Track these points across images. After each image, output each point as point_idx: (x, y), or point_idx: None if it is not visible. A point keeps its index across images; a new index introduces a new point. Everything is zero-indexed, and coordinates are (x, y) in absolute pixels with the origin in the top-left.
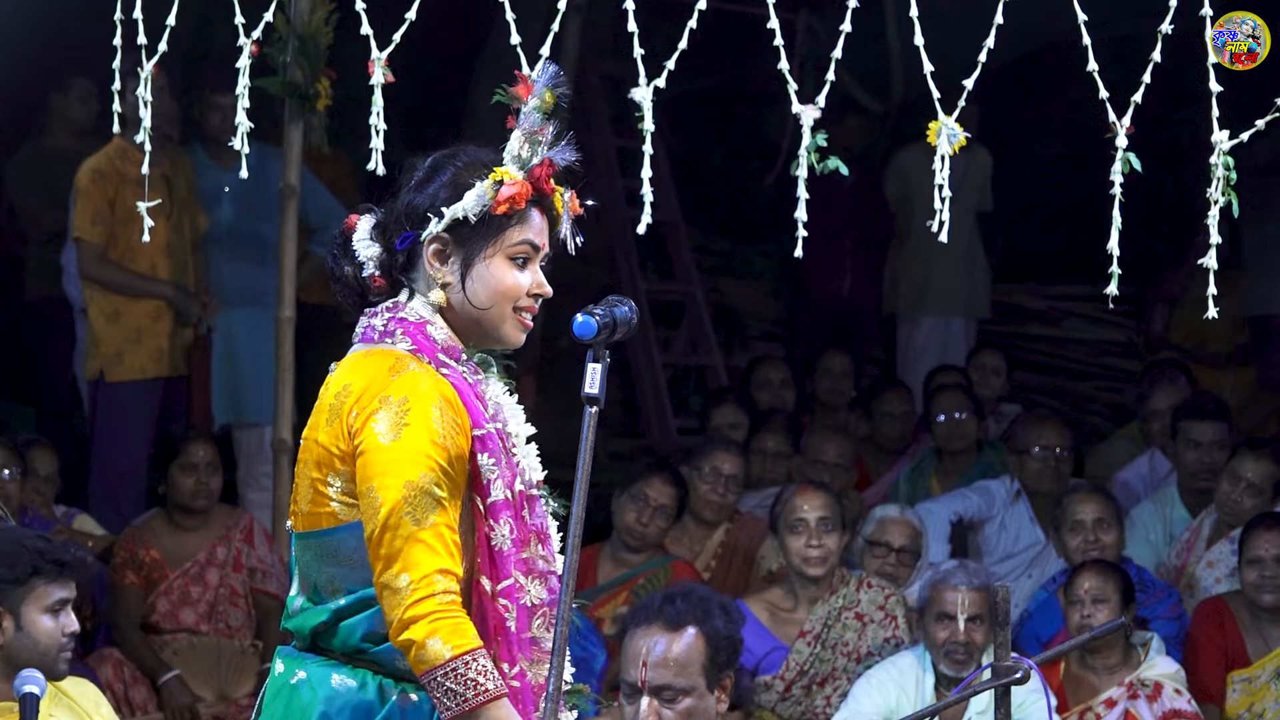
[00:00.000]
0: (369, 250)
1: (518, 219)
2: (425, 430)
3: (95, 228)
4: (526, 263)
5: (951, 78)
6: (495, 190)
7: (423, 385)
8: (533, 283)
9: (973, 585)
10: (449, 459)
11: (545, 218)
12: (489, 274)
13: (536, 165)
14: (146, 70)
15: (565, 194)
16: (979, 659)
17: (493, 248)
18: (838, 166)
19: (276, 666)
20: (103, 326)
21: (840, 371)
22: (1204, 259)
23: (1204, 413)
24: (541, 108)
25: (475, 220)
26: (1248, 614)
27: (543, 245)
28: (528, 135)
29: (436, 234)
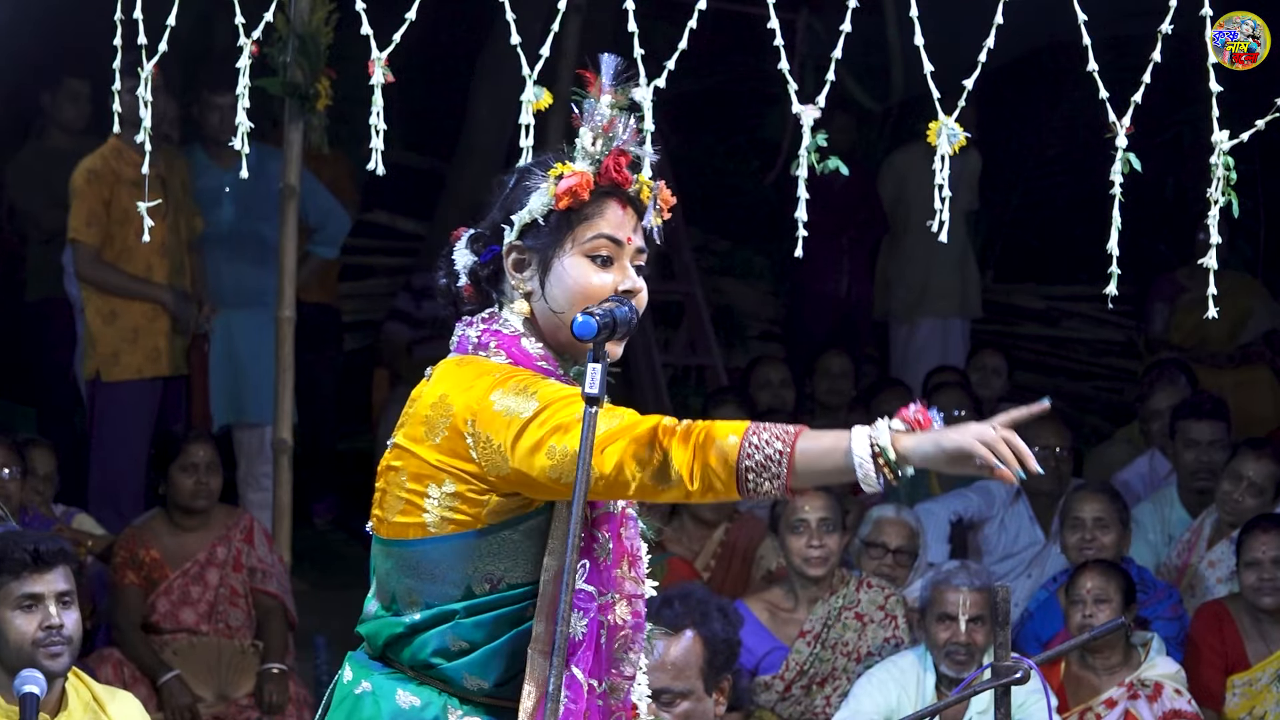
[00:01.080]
0: (463, 259)
1: (590, 212)
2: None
3: (90, 229)
4: (610, 261)
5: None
6: (555, 185)
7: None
8: (618, 280)
9: (974, 586)
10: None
11: (630, 210)
12: (565, 274)
13: (606, 156)
14: (147, 70)
15: (654, 186)
16: (980, 659)
17: (566, 246)
18: (838, 166)
19: (345, 673)
20: (99, 327)
21: (840, 372)
22: (1204, 259)
23: (1201, 412)
24: (612, 102)
25: (544, 222)
26: (1248, 617)
27: (627, 239)
28: (597, 130)
29: (511, 243)
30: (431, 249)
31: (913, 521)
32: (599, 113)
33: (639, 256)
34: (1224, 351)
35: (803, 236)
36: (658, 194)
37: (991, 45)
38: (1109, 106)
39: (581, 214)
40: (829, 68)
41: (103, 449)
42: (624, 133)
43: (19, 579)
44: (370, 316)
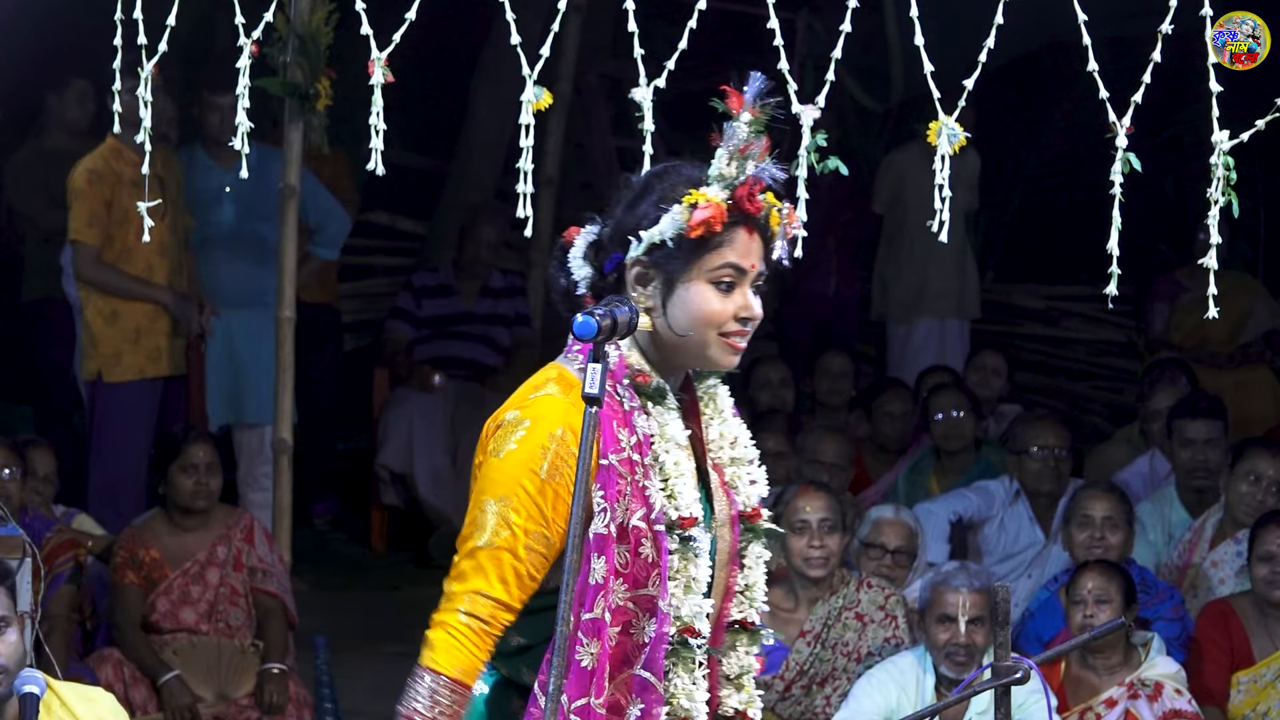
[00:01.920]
0: (581, 271)
1: (719, 241)
2: (528, 456)
3: (91, 229)
4: (732, 286)
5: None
6: (689, 213)
7: (551, 411)
8: (739, 306)
9: (974, 587)
10: (542, 487)
11: (756, 236)
12: (689, 299)
13: (740, 184)
14: (147, 70)
15: (783, 209)
16: (980, 660)
17: (692, 272)
18: (838, 166)
19: None
20: (100, 327)
21: (840, 371)
22: (1204, 259)
23: (1196, 411)
24: (752, 122)
25: (673, 244)
26: (1254, 614)
27: (751, 266)
28: (733, 152)
29: (636, 257)
30: (431, 249)
31: (911, 522)
32: (737, 134)
33: (760, 279)
34: (1224, 351)
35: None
36: (786, 219)
37: (992, 45)
38: (1109, 106)
39: (712, 242)
40: (829, 68)
41: (103, 449)
42: (758, 154)
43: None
44: (370, 316)
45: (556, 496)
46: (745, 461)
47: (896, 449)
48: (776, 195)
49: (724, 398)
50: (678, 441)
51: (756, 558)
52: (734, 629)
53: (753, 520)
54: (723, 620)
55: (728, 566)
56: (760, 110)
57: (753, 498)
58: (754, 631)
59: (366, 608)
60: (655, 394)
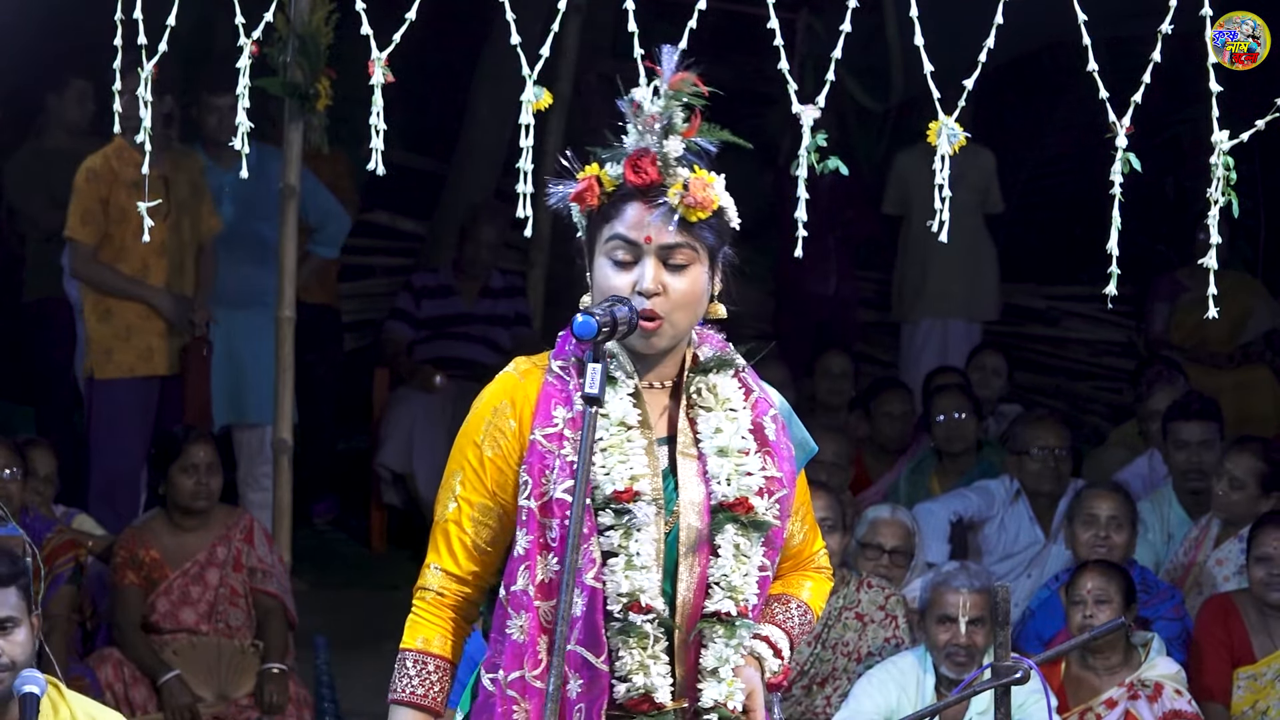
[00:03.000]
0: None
1: (610, 214)
2: (472, 429)
3: (86, 227)
4: (630, 262)
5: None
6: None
7: (499, 386)
8: (633, 281)
9: (974, 588)
10: (481, 458)
11: (655, 208)
12: (595, 274)
13: (629, 156)
14: (147, 70)
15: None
16: (980, 660)
17: (596, 247)
18: (838, 166)
19: None
20: (94, 325)
21: (840, 371)
22: (1204, 259)
23: (1190, 412)
24: (669, 95)
25: (584, 220)
26: (1254, 611)
27: (646, 239)
28: (638, 126)
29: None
30: (431, 249)
31: (908, 522)
32: (647, 108)
33: (671, 254)
34: (1224, 351)
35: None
36: (687, 194)
37: (991, 45)
38: (1109, 106)
39: (604, 214)
40: (829, 68)
41: (98, 447)
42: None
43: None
44: (370, 316)
45: (494, 468)
46: (735, 452)
47: (896, 449)
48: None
49: (729, 388)
50: (624, 421)
51: (734, 548)
52: (710, 619)
53: (735, 510)
54: (698, 610)
55: (696, 554)
56: (680, 84)
57: (739, 489)
58: (730, 623)
59: (366, 608)
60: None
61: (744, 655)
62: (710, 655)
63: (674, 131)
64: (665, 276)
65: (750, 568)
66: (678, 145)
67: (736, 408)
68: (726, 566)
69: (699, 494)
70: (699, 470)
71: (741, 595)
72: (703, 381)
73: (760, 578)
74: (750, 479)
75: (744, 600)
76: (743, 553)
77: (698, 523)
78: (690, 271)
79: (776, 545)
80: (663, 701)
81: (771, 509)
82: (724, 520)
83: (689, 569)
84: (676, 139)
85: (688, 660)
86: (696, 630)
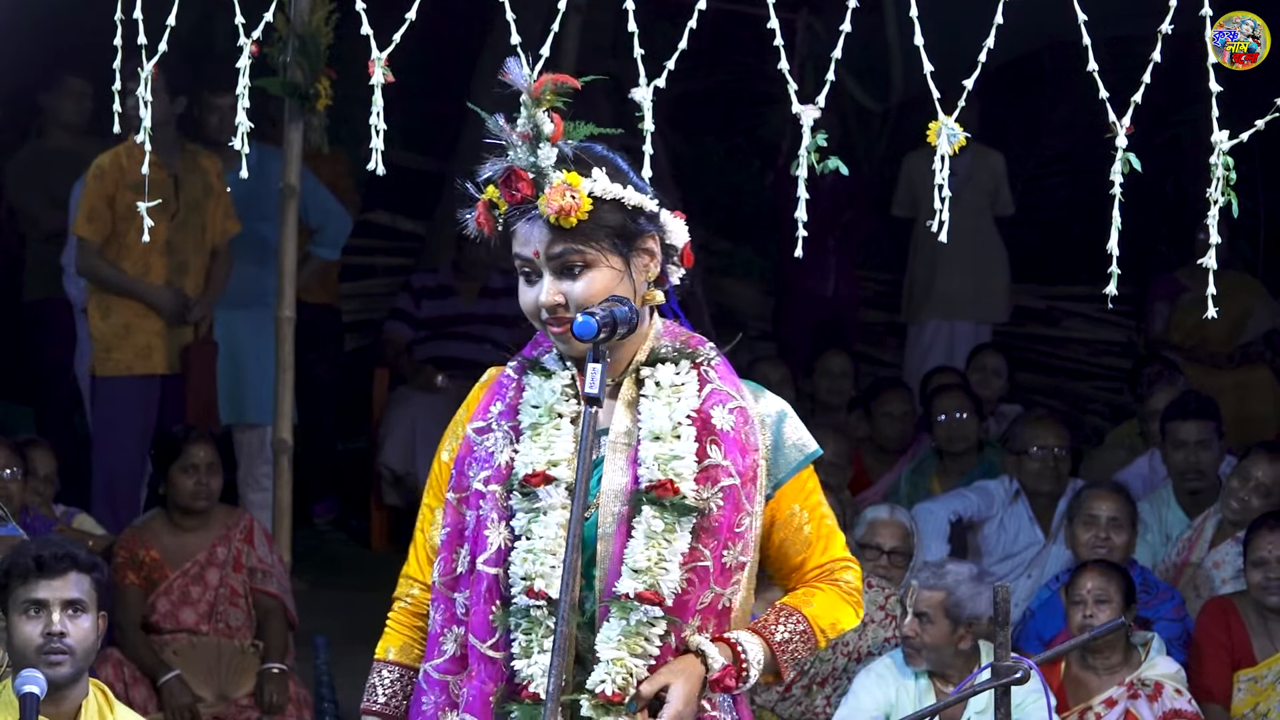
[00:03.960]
0: None
1: (510, 234)
2: (442, 444)
3: (91, 224)
4: (532, 277)
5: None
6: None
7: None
8: (534, 297)
9: (927, 584)
10: (440, 465)
11: (540, 224)
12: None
13: (498, 178)
14: (147, 70)
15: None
16: (928, 655)
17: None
18: (838, 166)
19: None
20: (95, 322)
21: (840, 371)
22: (1204, 259)
23: (1187, 412)
24: (531, 103)
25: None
26: (1254, 614)
27: (534, 254)
28: (514, 145)
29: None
30: (431, 249)
31: (906, 522)
32: (518, 124)
33: (562, 260)
34: (1224, 351)
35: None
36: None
37: (991, 45)
38: (1109, 106)
39: (505, 237)
40: (829, 68)
41: (98, 445)
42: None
43: (26, 584)
44: (370, 316)
45: (446, 467)
46: (667, 436)
47: (896, 449)
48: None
49: (674, 378)
50: (556, 410)
51: (647, 529)
52: (612, 601)
53: (657, 493)
54: (609, 593)
55: (613, 539)
56: (541, 89)
57: (663, 471)
58: (624, 605)
59: (366, 608)
60: (539, 368)
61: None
62: (599, 636)
63: (543, 139)
64: (564, 285)
65: (669, 553)
66: (550, 153)
67: (682, 396)
68: (637, 548)
69: (622, 480)
70: (629, 458)
71: (647, 578)
72: (651, 373)
73: (696, 568)
74: (680, 462)
75: (650, 584)
76: (659, 535)
77: (617, 507)
78: (591, 273)
79: (721, 537)
80: (537, 692)
81: (713, 496)
82: (642, 502)
83: (604, 555)
84: (547, 147)
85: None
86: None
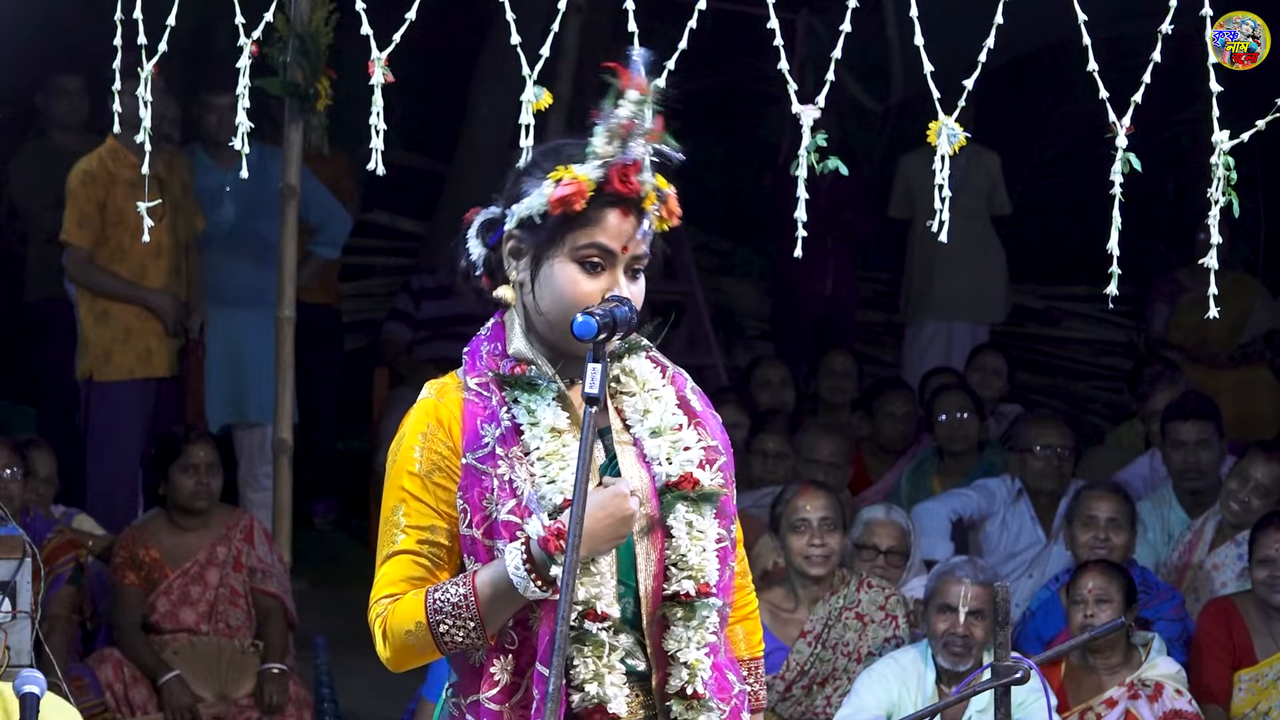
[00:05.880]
0: (476, 248)
1: (587, 220)
2: (404, 461)
3: (82, 231)
4: (600, 268)
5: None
6: (553, 189)
7: (419, 414)
8: (606, 288)
9: (977, 580)
10: (424, 483)
11: (631, 217)
12: (554, 277)
13: (614, 164)
14: (147, 70)
15: (664, 193)
16: (978, 654)
17: (560, 250)
18: (838, 166)
19: None
20: (91, 326)
21: (843, 371)
22: (1204, 259)
23: (1187, 412)
24: (639, 100)
25: (540, 220)
26: (1256, 613)
27: (623, 249)
28: (614, 130)
29: (510, 231)
30: (431, 249)
31: (903, 522)
32: (620, 112)
33: (638, 263)
34: (1224, 351)
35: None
36: (663, 204)
37: (992, 45)
38: (1109, 106)
39: (579, 219)
40: (829, 68)
41: (97, 449)
42: (640, 135)
43: None
44: (370, 316)
45: (439, 487)
46: (668, 430)
47: (897, 449)
48: (668, 177)
49: (645, 370)
50: (555, 427)
51: (687, 525)
52: (670, 602)
53: (681, 488)
54: (659, 595)
55: (650, 539)
56: (649, 87)
57: (681, 466)
58: (689, 604)
59: (366, 608)
60: (524, 385)
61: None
62: (670, 639)
63: (642, 137)
64: (630, 286)
65: (707, 543)
66: (645, 150)
67: (656, 386)
68: (682, 546)
69: (643, 479)
70: (637, 455)
71: (701, 573)
72: (619, 367)
73: (720, 550)
74: (689, 453)
75: (704, 578)
76: (696, 529)
77: (646, 507)
78: (642, 277)
79: (730, 513)
80: (617, 712)
81: (715, 478)
82: (673, 500)
83: (645, 556)
84: (643, 143)
85: (655, 646)
86: (659, 614)
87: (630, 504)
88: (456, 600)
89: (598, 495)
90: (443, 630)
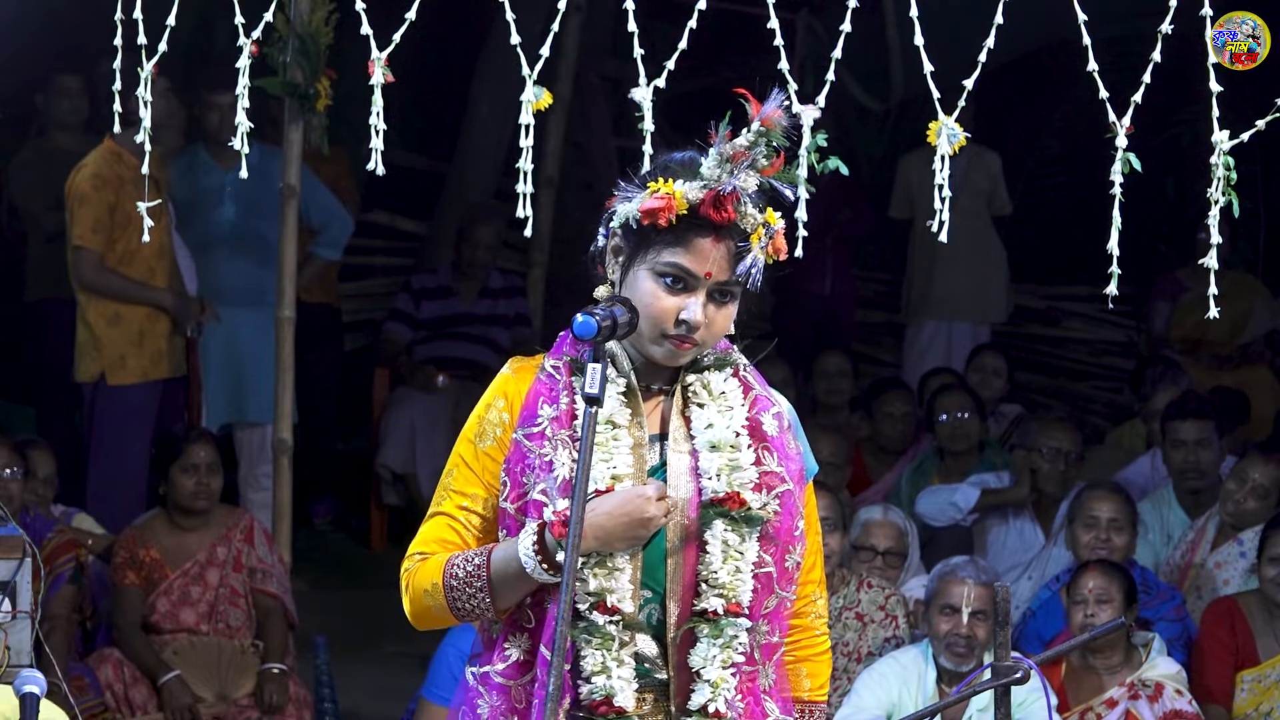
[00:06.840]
0: (600, 239)
1: (678, 239)
2: (469, 430)
3: (96, 235)
4: (684, 288)
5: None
6: (646, 199)
7: (493, 386)
8: (680, 307)
9: (979, 580)
10: (475, 453)
11: (723, 245)
12: (638, 284)
13: (711, 189)
14: (147, 70)
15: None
16: (980, 654)
17: (647, 259)
18: (838, 166)
19: None
20: (103, 329)
21: (837, 371)
22: (1204, 259)
23: (1186, 411)
24: (758, 132)
25: (634, 226)
26: (1259, 613)
27: (707, 274)
28: (725, 155)
29: (613, 228)
30: (431, 249)
31: (901, 523)
32: (738, 140)
33: (725, 288)
34: (1224, 352)
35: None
36: (769, 241)
37: (992, 45)
38: (1109, 106)
39: (669, 235)
40: (829, 68)
41: (103, 451)
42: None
43: None
44: (370, 316)
45: (488, 458)
46: (727, 447)
47: (897, 449)
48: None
49: (723, 385)
50: (612, 419)
51: (723, 544)
52: (698, 618)
53: (726, 505)
54: (687, 608)
55: (682, 551)
56: (775, 123)
57: (730, 484)
58: (716, 622)
59: (366, 608)
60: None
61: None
62: (696, 655)
63: (755, 168)
64: (711, 310)
65: (743, 564)
66: (753, 182)
67: (732, 404)
68: (715, 563)
69: (688, 490)
70: (690, 467)
71: (732, 592)
72: (698, 379)
73: (760, 574)
74: (743, 473)
75: (734, 597)
76: (733, 549)
77: (684, 519)
78: (730, 306)
79: (781, 542)
80: (623, 705)
81: (770, 504)
82: (713, 516)
83: (675, 566)
84: (753, 175)
85: (678, 659)
86: (686, 628)
87: (651, 508)
88: (470, 570)
89: (620, 494)
90: (455, 596)
